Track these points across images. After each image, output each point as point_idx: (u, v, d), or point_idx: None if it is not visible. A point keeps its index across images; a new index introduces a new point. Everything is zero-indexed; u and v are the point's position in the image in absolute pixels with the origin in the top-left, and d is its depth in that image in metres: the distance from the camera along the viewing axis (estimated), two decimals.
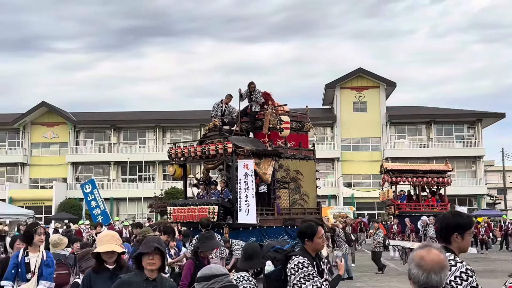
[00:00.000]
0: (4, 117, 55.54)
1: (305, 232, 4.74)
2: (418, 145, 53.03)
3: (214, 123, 16.08)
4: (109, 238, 4.97)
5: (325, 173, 53.76)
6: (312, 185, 17.50)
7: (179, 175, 17.01)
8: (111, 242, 4.89)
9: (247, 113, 17.10)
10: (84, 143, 55.88)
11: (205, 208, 14.71)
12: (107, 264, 4.86)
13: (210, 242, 6.71)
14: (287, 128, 15.94)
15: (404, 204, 25.09)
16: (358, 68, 53.54)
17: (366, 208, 49.54)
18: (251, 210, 14.52)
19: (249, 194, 14.55)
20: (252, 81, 17.26)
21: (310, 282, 4.47)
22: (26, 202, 47.15)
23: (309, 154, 17.72)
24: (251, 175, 14.63)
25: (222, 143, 14.85)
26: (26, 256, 6.50)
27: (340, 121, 52.73)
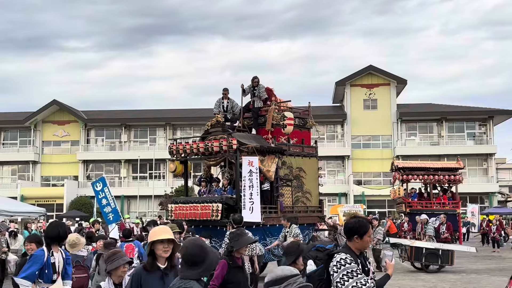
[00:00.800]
0: (15, 116, 55.86)
1: (357, 229, 4.44)
2: (429, 142, 52.77)
3: (216, 119, 15.73)
4: (164, 231, 4.58)
5: (335, 171, 53.66)
6: (315, 182, 17.17)
7: (180, 172, 16.67)
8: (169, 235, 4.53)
9: (250, 109, 16.73)
10: (95, 141, 56.09)
11: (209, 206, 14.45)
12: (159, 263, 4.54)
13: (242, 238, 6.35)
14: (290, 125, 15.72)
15: (415, 202, 24.99)
16: (368, 65, 53.34)
17: (377, 206, 49.37)
18: (255, 208, 14.32)
19: (254, 192, 14.34)
20: (255, 76, 16.88)
21: (354, 279, 4.23)
22: (38, 200, 47.44)
23: (312, 151, 17.35)
24: (255, 173, 14.39)
25: (227, 140, 14.56)
26: (51, 256, 6.07)
27: (351, 118, 52.56)
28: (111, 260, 5.10)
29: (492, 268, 18.89)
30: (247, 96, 16.88)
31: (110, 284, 5.03)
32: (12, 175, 55.97)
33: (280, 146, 15.65)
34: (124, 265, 5.16)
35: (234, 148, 14.43)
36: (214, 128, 15.69)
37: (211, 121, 15.90)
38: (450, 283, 14.72)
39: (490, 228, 29.70)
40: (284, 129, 15.67)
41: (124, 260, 5.15)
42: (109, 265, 5.08)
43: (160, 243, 4.48)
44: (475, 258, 22.28)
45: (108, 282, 5.06)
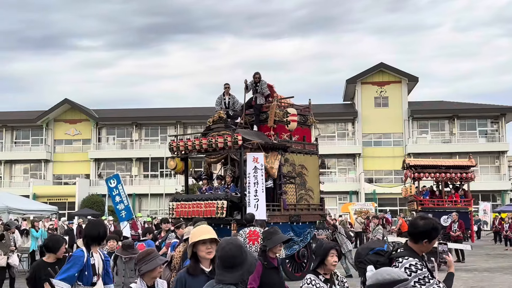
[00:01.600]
0: (27, 114, 56.22)
1: (429, 233, 4.06)
2: (441, 140, 52.52)
3: (219, 115, 15.47)
4: (206, 230, 4.26)
5: (346, 169, 53.54)
6: (316, 180, 17.00)
7: (180, 169, 16.37)
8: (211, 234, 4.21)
9: (252, 105, 16.43)
10: (106, 140, 56.32)
11: (213, 203, 14.19)
12: (203, 265, 4.20)
13: (276, 237, 5.86)
14: (294, 121, 15.42)
15: (427, 200, 24.87)
16: (379, 63, 53.14)
17: (388, 204, 49.20)
18: (260, 206, 14.02)
19: (259, 189, 14.05)
20: (257, 71, 16.59)
21: (426, 286, 3.90)
22: (50, 198, 47.70)
23: (313, 148, 17.12)
24: (260, 169, 14.11)
25: (231, 135, 14.30)
26: (91, 257, 5.70)
27: (361, 116, 52.40)
28: (147, 261, 4.72)
29: (505, 266, 18.77)
30: (249, 92, 16.62)
31: (143, 285, 4.71)
32: (24, 173, 56.34)
33: (284, 143, 15.44)
34: (160, 265, 4.85)
35: (240, 144, 14.19)
36: (216, 124, 15.43)
37: (213, 117, 15.65)
38: (462, 281, 14.64)
39: (503, 226, 29.52)
40: (288, 125, 15.39)
41: (161, 260, 4.84)
42: (145, 265, 4.69)
43: (203, 244, 4.18)
44: (487, 256, 22.16)
45: (140, 283, 4.72)
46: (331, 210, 48.27)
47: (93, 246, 5.76)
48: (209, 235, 4.19)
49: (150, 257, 4.73)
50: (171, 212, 15.26)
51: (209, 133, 15.36)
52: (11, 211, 16.07)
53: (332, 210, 47.68)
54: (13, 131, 56.68)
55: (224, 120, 15.47)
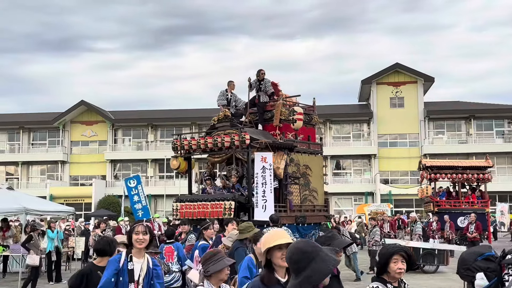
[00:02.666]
0: (44, 116, 56.70)
1: None
2: (457, 141, 52.13)
3: (224, 113, 15.04)
4: (281, 234, 3.79)
5: (361, 170, 53.35)
6: (320, 181, 16.50)
7: (183, 169, 15.91)
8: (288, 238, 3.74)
9: (255, 103, 15.98)
10: (122, 141, 56.64)
11: (220, 204, 13.79)
12: (278, 275, 3.71)
13: (336, 241, 5.24)
14: (300, 120, 14.98)
15: (444, 201, 24.76)
16: (395, 63, 52.89)
17: (404, 205, 48.93)
18: (268, 207, 13.65)
19: (267, 189, 13.72)
20: (261, 69, 16.13)
21: None
22: (66, 199, 48.07)
23: (317, 148, 16.72)
24: (269, 169, 13.80)
25: (238, 134, 13.91)
26: (129, 261, 5.17)
27: (377, 117, 52.18)
28: (214, 261, 4.39)
29: None
30: (252, 91, 16.19)
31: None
32: (41, 174, 56.83)
33: (291, 142, 15.15)
34: (228, 267, 4.49)
35: (247, 143, 13.83)
36: (221, 122, 15.06)
37: (218, 115, 15.24)
38: None
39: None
40: (293, 124, 14.93)
41: (229, 261, 4.51)
42: (212, 266, 4.36)
43: (278, 250, 3.66)
44: None
45: (207, 286, 4.38)
46: (346, 211, 48.28)
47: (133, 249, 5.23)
48: (286, 239, 3.69)
49: (217, 258, 4.44)
50: (175, 213, 14.94)
51: (213, 132, 15.03)
52: (29, 212, 16.18)
53: (348, 211, 47.62)
54: (30, 133, 57.20)
55: (230, 118, 15.10)
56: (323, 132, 53.07)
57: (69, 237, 21.30)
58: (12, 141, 57.04)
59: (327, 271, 3.02)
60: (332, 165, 52.87)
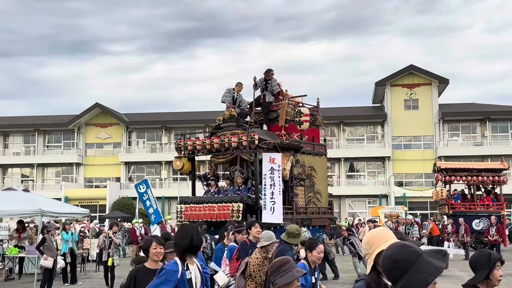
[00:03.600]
0: (59, 119, 57.11)
1: None
2: (472, 143, 51.74)
3: (230, 112, 14.77)
4: (388, 234, 3.17)
5: (375, 172, 53.14)
6: (325, 182, 16.34)
7: (187, 170, 15.66)
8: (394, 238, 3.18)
9: (260, 103, 15.67)
10: (137, 143, 56.89)
11: (228, 206, 13.44)
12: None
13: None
14: (307, 121, 14.77)
15: (458, 204, 24.62)
16: (409, 65, 52.65)
17: (419, 208, 48.67)
18: (277, 209, 13.36)
19: (275, 191, 13.42)
20: (271, 68, 15.82)
21: None
22: (81, 201, 48.35)
23: (321, 149, 16.52)
24: (277, 170, 13.50)
25: (247, 134, 13.58)
26: (186, 270, 4.65)
27: (391, 119, 51.96)
28: (282, 272, 3.87)
29: None
30: (257, 90, 15.95)
31: None
32: (56, 176, 57.24)
33: (297, 143, 14.88)
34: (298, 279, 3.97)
35: (256, 144, 13.52)
36: (226, 122, 14.76)
37: (224, 115, 14.94)
38: None
39: None
40: (300, 125, 14.72)
41: (299, 272, 3.97)
42: (280, 278, 3.85)
43: None
44: None
45: None
46: (360, 213, 48.09)
47: (188, 257, 4.73)
48: (393, 240, 3.13)
49: (286, 268, 3.93)
50: (180, 215, 14.57)
51: (217, 132, 14.71)
52: (44, 214, 16.33)
53: (361, 214, 47.42)
54: (45, 135, 57.64)
55: (236, 118, 14.78)
56: (335, 133, 52.94)
57: (84, 239, 21.45)
58: (28, 144, 57.53)
59: (423, 284, 2.47)
60: (346, 168, 52.73)
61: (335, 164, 52.71)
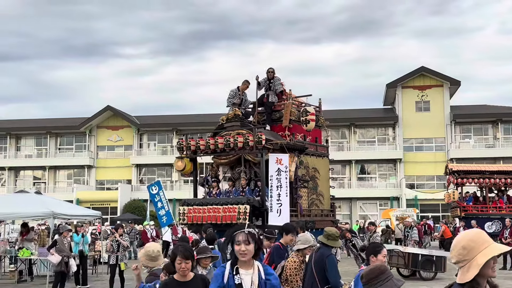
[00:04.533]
0: (71, 121, 57.44)
1: None
2: (484, 145, 51.43)
3: (235, 112, 14.45)
4: (489, 238, 2.82)
5: (386, 174, 52.96)
6: (327, 184, 15.89)
7: (189, 171, 15.22)
8: None
9: (263, 103, 15.29)
10: (148, 146, 57.09)
11: (234, 208, 13.07)
12: None
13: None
14: (312, 120, 14.42)
15: (471, 206, 24.45)
16: (420, 66, 52.45)
17: (430, 210, 48.42)
18: (283, 211, 13.00)
19: (282, 193, 13.05)
20: (271, 67, 15.44)
21: None
22: (93, 203, 48.57)
23: (324, 150, 16.14)
24: (284, 171, 13.16)
25: (253, 135, 13.27)
26: (235, 274, 4.21)
27: (402, 121, 51.78)
28: (381, 281, 3.57)
29: None
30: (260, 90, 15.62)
31: None
32: (68, 179, 57.54)
33: (302, 144, 14.57)
34: None
35: (263, 144, 13.22)
36: (230, 122, 14.41)
37: (228, 115, 14.60)
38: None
39: None
40: (306, 125, 14.34)
41: (400, 281, 3.60)
42: (381, 287, 3.56)
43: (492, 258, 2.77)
44: None
45: None
46: (371, 216, 47.91)
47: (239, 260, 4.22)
48: (494, 244, 2.84)
49: (386, 277, 3.63)
50: (182, 218, 14.13)
51: (221, 132, 14.35)
52: (56, 216, 16.41)
53: (373, 216, 47.25)
54: (57, 138, 57.97)
55: (241, 118, 14.44)
56: (346, 136, 52.81)
57: (95, 241, 21.52)
58: (40, 146, 57.90)
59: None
60: (357, 170, 52.59)
61: (346, 166, 52.61)
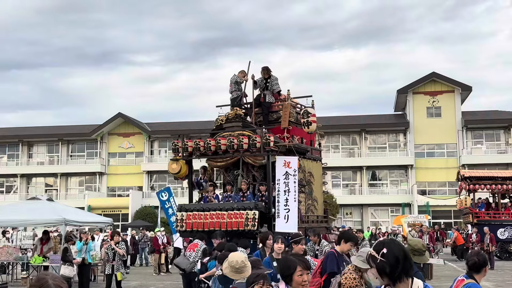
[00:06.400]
0: (83, 128, 57.74)
1: None
2: (496, 151, 51.07)
3: (236, 112, 13.63)
4: None
5: (398, 180, 52.73)
6: (321, 189, 15.27)
7: (184, 174, 14.28)
8: None
9: (261, 102, 14.46)
10: (159, 153, 57.22)
11: (241, 214, 12.21)
12: None
13: None
14: (314, 122, 13.67)
15: (483, 212, 24.30)
16: (431, 72, 52.27)
17: (442, 216, 48.14)
18: (291, 217, 12.34)
19: (290, 198, 12.43)
20: (266, 66, 14.73)
21: None
22: (104, 210, 48.73)
23: (318, 154, 15.53)
24: (293, 175, 12.50)
25: (260, 136, 12.61)
26: None
27: (413, 127, 51.57)
28: None
29: None
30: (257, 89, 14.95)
31: None
32: (79, 186, 57.78)
33: (305, 147, 14.04)
34: None
35: (271, 146, 12.54)
36: (230, 122, 13.56)
37: (228, 114, 13.78)
38: None
39: None
40: (308, 127, 13.59)
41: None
42: None
43: None
44: None
45: None
46: (382, 222, 47.70)
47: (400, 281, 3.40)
48: None
49: None
50: (181, 224, 13.16)
51: (219, 132, 13.58)
52: (68, 223, 16.45)
53: (384, 223, 47.05)
54: (69, 145, 58.26)
55: (242, 118, 13.67)
56: (357, 142, 52.64)
57: None
58: (52, 153, 58.21)
59: None
60: (368, 176, 52.41)
61: (357, 172, 52.45)
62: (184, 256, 11.19)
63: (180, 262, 11.16)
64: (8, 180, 58.38)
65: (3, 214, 16.94)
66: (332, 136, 53.12)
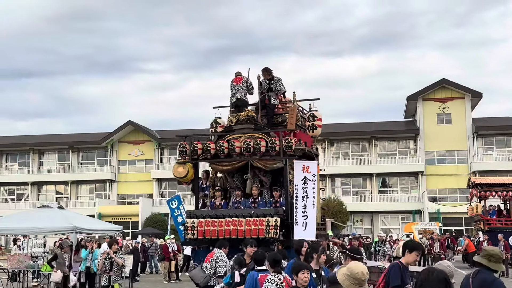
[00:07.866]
0: (93, 136, 58.01)
1: None
2: (508, 157, 50.74)
3: (247, 113, 13.18)
4: None
5: (408, 187, 52.52)
6: (318, 195, 14.18)
7: (190, 178, 13.57)
8: None
9: (266, 104, 14.02)
10: (168, 160, 57.33)
11: (261, 221, 11.69)
12: None
13: None
14: (320, 126, 13.48)
15: (494, 220, 24.15)
16: (441, 79, 52.12)
17: (453, 223, 47.86)
18: (309, 224, 11.87)
19: (308, 204, 11.96)
20: (266, 67, 14.29)
21: None
22: (114, 218, 48.87)
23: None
24: (312, 180, 12.06)
25: (279, 139, 12.11)
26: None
27: (424, 133, 51.38)
28: None
29: None
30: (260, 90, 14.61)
31: None
32: (90, 193, 57.99)
33: (314, 151, 13.75)
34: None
35: (293, 150, 12.07)
36: (241, 124, 13.06)
37: (238, 116, 13.30)
38: None
39: None
40: (313, 131, 13.43)
41: None
42: None
43: None
44: None
45: None
46: (393, 229, 47.47)
47: None
48: None
49: None
50: (191, 232, 12.43)
51: (226, 134, 13.08)
52: (79, 231, 16.48)
53: (395, 230, 46.82)
54: (79, 153, 58.54)
55: (255, 120, 13.12)
56: (367, 148, 52.50)
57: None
58: (62, 161, 58.49)
59: None
60: (378, 183, 52.24)
61: (367, 179, 52.29)
62: (200, 269, 10.34)
63: (194, 275, 10.37)
64: (19, 188, 58.71)
65: (14, 222, 16.99)
66: (342, 143, 53.03)
